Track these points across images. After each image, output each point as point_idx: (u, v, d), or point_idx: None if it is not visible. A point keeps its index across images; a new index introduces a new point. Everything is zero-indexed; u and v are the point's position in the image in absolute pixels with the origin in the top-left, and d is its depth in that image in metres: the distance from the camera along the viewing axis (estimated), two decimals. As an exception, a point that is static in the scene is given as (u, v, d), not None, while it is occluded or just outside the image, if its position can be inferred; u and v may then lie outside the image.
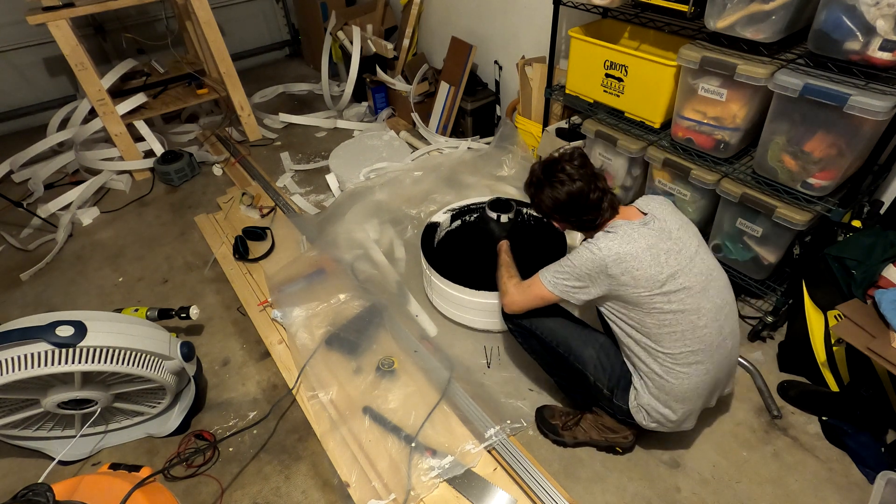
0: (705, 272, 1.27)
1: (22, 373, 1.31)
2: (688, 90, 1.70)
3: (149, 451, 1.65)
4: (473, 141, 2.88)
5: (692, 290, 1.24)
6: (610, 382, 1.39)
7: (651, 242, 1.23)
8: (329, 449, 1.54)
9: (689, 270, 1.24)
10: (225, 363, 1.91)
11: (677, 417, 1.34)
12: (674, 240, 1.26)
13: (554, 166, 1.33)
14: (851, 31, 1.30)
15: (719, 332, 1.29)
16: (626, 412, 1.40)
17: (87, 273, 2.36)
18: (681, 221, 1.32)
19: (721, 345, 1.30)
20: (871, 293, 1.43)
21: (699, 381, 1.30)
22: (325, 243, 2.18)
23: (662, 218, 1.28)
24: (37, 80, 3.49)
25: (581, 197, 1.30)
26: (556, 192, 1.32)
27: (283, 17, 4.29)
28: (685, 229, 1.31)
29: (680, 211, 1.37)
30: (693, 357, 1.27)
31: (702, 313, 1.25)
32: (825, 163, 1.48)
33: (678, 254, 1.24)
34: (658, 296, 1.23)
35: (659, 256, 1.23)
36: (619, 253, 1.22)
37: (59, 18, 2.39)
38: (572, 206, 1.32)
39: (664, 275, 1.22)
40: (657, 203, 1.34)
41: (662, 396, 1.32)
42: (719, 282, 1.31)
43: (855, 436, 1.49)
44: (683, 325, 1.25)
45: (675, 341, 1.26)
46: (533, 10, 2.49)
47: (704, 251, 1.31)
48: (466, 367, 1.78)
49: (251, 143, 3.21)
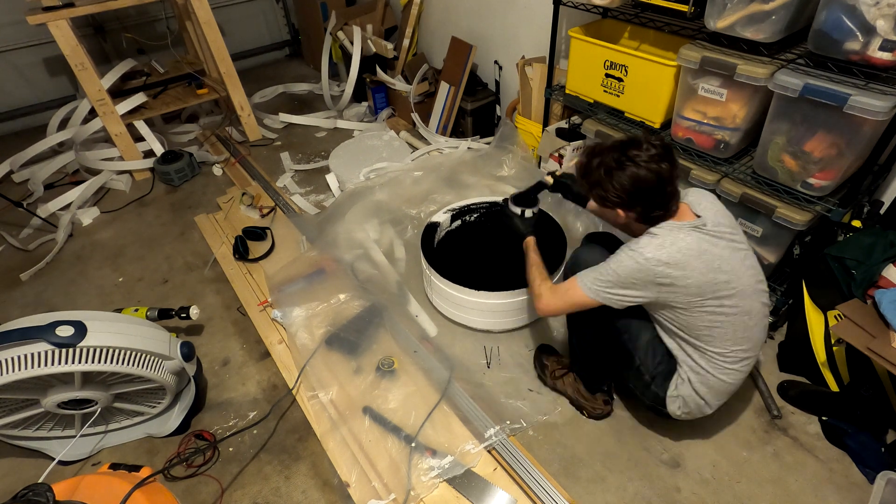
0: (755, 274, 1.27)
1: (22, 373, 1.31)
2: (688, 90, 1.70)
3: (149, 451, 1.65)
4: (473, 141, 2.88)
5: (745, 292, 1.22)
6: (654, 370, 1.38)
7: (703, 248, 1.17)
8: (329, 449, 1.54)
9: (743, 274, 1.22)
10: (225, 363, 1.91)
11: (710, 410, 1.37)
12: (728, 241, 1.21)
13: (632, 144, 1.19)
14: (851, 31, 1.30)
15: (763, 331, 1.31)
16: (661, 399, 1.37)
17: (87, 273, 2.36)
18: (732, 221, 1.26)
19: (759, 343, 1.32)
20: (871, 293, 1.43)
21: (739, 379, 1.32)
22: (325, 243, 2.18)
23: (715, 220, 1.21)
24: (37, 80, 3.49)
25: (667, 181, 1.18)
26: (641, 172, 1.16)
27: (283, 17, 4.29)
28: (737, 230, 1.26)
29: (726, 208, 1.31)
30: (743, 354, 1.29)
31: (753, 314, 1.25)
32: (825, 163, 1.48)
33: (731, 257, 1.20)
34: (710, 300, 1.19)
35: (712, 263, 1.17)
36: (668, 261, 1.16)
37: (59, 18, 2.39)
38: (654, 192, 1.18)
39: (719, 281, 1.18)
40: (709, 202, 1.27)
41: (704, 390, 1.32)
42: (762, 285, 1.30)
43: (855, 436, 1.49)
44: (735, 327, 1.24)
45: (727, 341, 1.26)
46: (533, 10, 2.49)
47: (751, 252, 1.29)
48: (466, 368, 1.78)
49: (251, 143, 3.21)
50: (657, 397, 1.39)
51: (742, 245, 1.25)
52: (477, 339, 1.90)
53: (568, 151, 2.30)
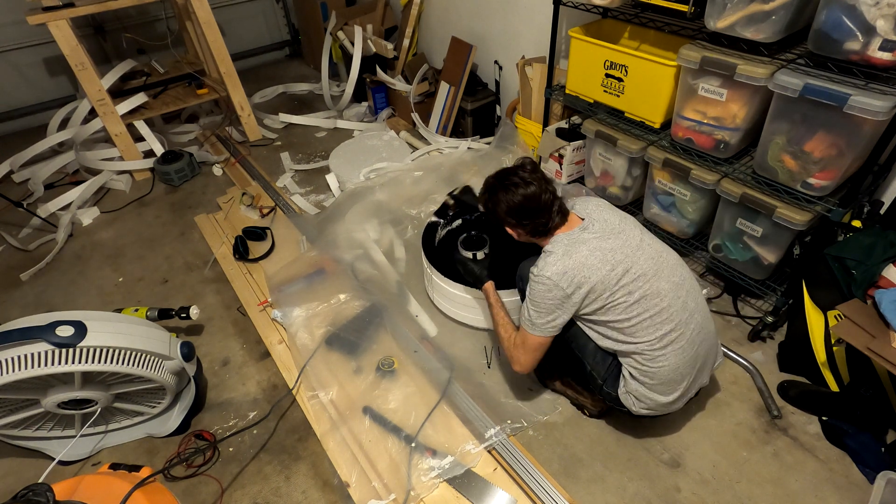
0: (654, 256, 1.32)
1: (22, 373, 1.31)
2: (688, 90, 1.70)
3: (149, 451, 1.65)
4: (473, 141, 2.88)
5: (647, 275, 1.28)
6: (604, 373, 1.43)
7: (594, 245, 1.28)
8: (329, 449, 1.54)
9: (639, 258, 1.29)
10: (225, 363, 1.91)
11: (667, 399, 1.37)
12: (616, 234, 1.31)
13: (508, 173, 1.38)
14: (851, 31, 1.30)
15: (684, 308, 1.32)
16: (616, 399, 1.42)
17: (87, 273, 2.36)
18: (619, 216, 1.37)
19: (689, 320, 1.33)
20: (871, 293, 1.43)
21: (678, 359, 1.33)
22: (325, 243, 2.18)
23: (601, 218, 1.34)
24: (37, 80, 3.49)
25: (535, 199, 1.33)
26: (512, 196, 1.35)
27: (283, 17, 4.29)
28: (625, 222, 1.36)
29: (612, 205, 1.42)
30: (667, 339, 1.30)
31: (663, 294, 1.29)
32: (825, 163, 1.48)
33: (624, 246, 1.29)
34: (618, 291, 1.27)
35: (606, 255, 1.27)
36: (565, 269, 1.26)
37: (59, 18, 2.39)
38: (527, 210, 1.34)
39: (618, 270, 1.26)
40: (593, 205, 1.40)
41: (648, 381, 1.35)
42: (670, 260, 1.35)
43: (855, 436, 1.49)
44: (651, 311, 1.29)
45: (647, 328, 1.30)
46: (533, 10, 2.49)
47: (649, 237, 1.37)
48: (466, 368, 1.78)
49: (251, 143, 3.21)
50: (612, 397, 1.44)
51: (633, 234, 1.33)
52: (477, 339, 1.90)
53: (568, 151, 2.30)
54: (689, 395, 1.43)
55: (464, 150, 2.74)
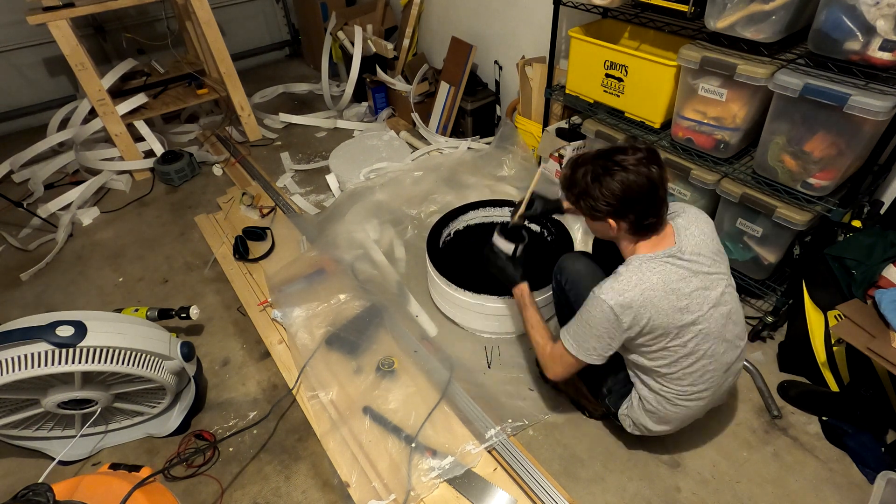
0: (726, 313, 1.19)
1: (22, 373, 1.31)
2: (688, 90, 1.70)
3: (149, 451, 1.65)
4: (473, 141, 2.88)
5: (711, 335, 1.17)
6: (612, 386, 1.40)
7: (674, 286, 1.11)
8: (329, 449, 1.54)
9: (712, 315, 1.15)
10: (225, 363, 1.91)
11: (662, 430, 1.37)
12: (701, 277, 1.14)
13: (621, 150, 1.14)
14: (851, 31, 1.30)
15: (725, 370, 1.27)
16: (614, 413, 1.41)
17: (87, 273, 2.36)
18: (715, 254, 1.19)
19: (724, 380, 1.30)
20: (871, 293, 1.43)
21: (696, 411, 1.32)
22: (325, 243, 2.18)
23: (696, 251, 1.15)
24: (37, 80, 3.48)
25: (657, 185, 1.11)
26: (632, 177, 1.10)
27: (283, 17, 4.29)
28: (717, 266, 1.18)
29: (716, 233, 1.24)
30: (697, 396, 1.27)
31: (715, 358, 1.21)
32: (825, 163, 1.48)
33: (701, 297, 1.13)
34: (674, 342, 1.16)
35: (681, 301, 1.12)
36: (631, 302, 1.10)
37: (59, 18, 2.39)
38: (646, 196, 1.12)
39: (683, 321, 1.13)
40: (697, 227, 1.19)
41: (655, 417, 1.33)
42: (735, 317, 1.23)
43: (855, 436, 1.49)
44: (694, 368, 1.21)
45: (681, 379, 1.23)
46: (533, 10, 2.49)
47: (731, 289, 1.22)
48: (467, 368, 1.78)
49: (251, 143, 3.20)
50: (609, 410, 1.43)
51: (717, 285, 1.17)
52: (477, 339, 1.90)
53: (568, 151, 2.30)
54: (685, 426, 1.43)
55: (464, 150, 2.74)
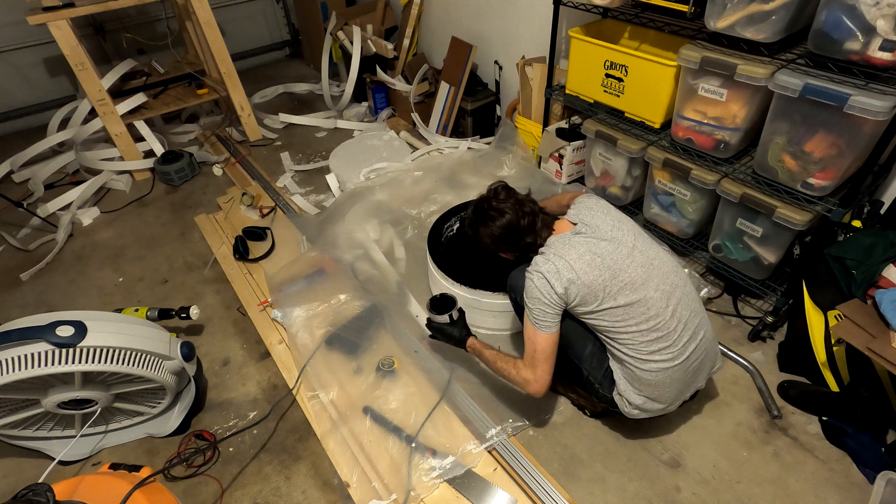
0: (645, 263, 1.30)
1: (22, 373, 1.31)
2: (688, 90, 1.70)
3: (149, 451, 1.65)
4: (473, 141, 2.88)
5: (634, 283, 1.27)
6: (600, 377, 1.42)
7: (583, 250, 1.28)
8: (329, 449, 1.54)
9: (629, 265, 1.28)
10: (225, 363, 1.91)
11: (657, 405, 1.38)
12: (608, 240, 1.30)
13: (482, 206, 1.41)
14: (851, 31, 1.30)
15: (673, 317, 1.30)
16: (610, 401, 1.43)
17: (87, 273, 2.36)
18: (614, 220, 1.35)
19: (680, 328, 1.31)
20: (871, 293, 1.43)
21: (667, 369, 1.32)
22: (325, 243, 2.18)
23: (592, 223, 1.33)
24: (37, 80, 3.49)
25: (513, 226, 1.37)
26: (491, 229, 1.39)
27: (283, 17, 4.29)
28: (619, 227, 1.34)
29: (612, 207, 1.41)
30: (653, 346, 1.29)
31: (649, 304, 1.28)
32: (825, 163, 1.48)
33: (614, 253, 1.28)
34: (605, 298, 1.27)
35: (594, 260, 1.27)
36: (557, 268, 1.26)
37: (60, 18, 2.39)
38: (510, 237, 1.38)
39: (605, 276, 1.26)
40: (586, 208, 1.39)
41: (636, 385, 1.35)
42: (662, 268, 1.33)
43: (855, 436, 1.49)
44: (636, 319, 1.28)
45: (632, 335, 1.29)
46: (533, 10, 2.49)
47: (643, 242, 1.35)
48: (467, 368, 1.78)
49: (251, 143, 3.20)
50: (607, 399, 1.44)
51: (625, 240, 1.31)
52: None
53: (568, 151, 2.30)
54: (684, 399, 1.43)
55: (464, 150, 2.74)
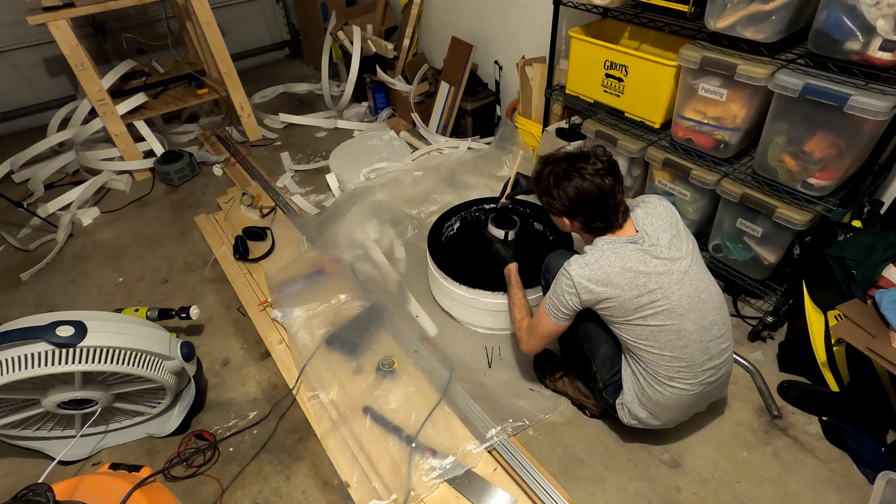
0: (692, 294, 1.23)
1: (22, 373, 1.31)
2: (688, 90, 1.70)
3: (149, 451, 1.65)
4: (473, 141, 2.88)
5: (674, 311, 1.21)
6: (608, 380, 1.42)
7: (629, 265, 1.20)
8: (329, 449, 1.54)
9: (675, 292, 1.21)
10: (225, 363, 1.91)
11: (658, 423, 1.38)
12: (662, 259, 1.21)
13: (583, 158, 1.26)
14: (851, 31, 1.30)
15: (703, 353, 1.27)
16: (611, 405, 1.43)
17: (87, 273, 2.36)
18: (675, 237, 1.26)
19: (705, 364, 1.29)
20: (871, 293, 1.43)
21: (680, 397, 1.31)
22: (325, 243, 2.18)
23: (653, 235, 1.24)
24: (37, 80, 3.48)
25: (609, 195, 1.23)
26: (585, 184, 1.23)
27: (283, 17, 4.29)
28: (678, 246, 1.25)
29: (680, 219, 1.32)
30: (675, 374, 1.28)
31: (682, 334, 1.23)
32: (825, 163, 1.48)
33: (662, 275, 1.20)
34: (635, 316, 1.23)
35: (638, 279, 1.20)
36: (591, 278, 1.21)
37: (60, 18, 2.39)
38: (596, 203, 1.24)
39: (642, 298, 1.20)
40: (655, 215, 1.29)
41: (644, 400, 1.34)
42: (709, 303, 1.26)
43: (855, 436, 1.49)
44: (661, 344, 1.24)
45: (654, 356, 1.26)
46: (533, 10, 2.49)
47: (697, 269, 1.26)
48: (467, 368, 1.78)
49: (251, 144, 3.20)
50: (608, 403, 1.44)
51: (680, 264, 1.23)
52: (478, 338, 1.90)
53: (568, 151, 2.30)
54: (682, 420, 1.44)
55: (464, 150, 2.74)
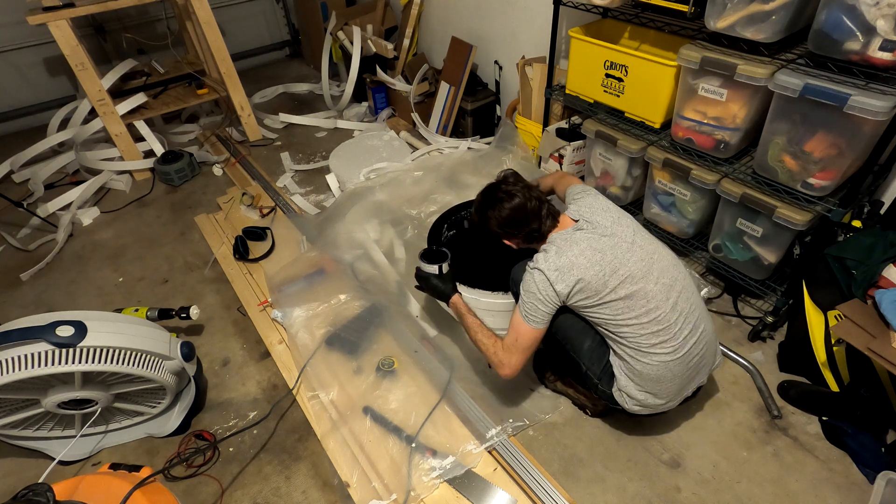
0: (645, 257, 1.32)
1: (22, 373, 1.31)
2: (688, 90, 1.70)
3: (149, 451, 1.65)
4: (473, 141, 2.88)
5: (634, 276, 1.29)
6: (599, 372, 1.43)
7: (584, 246, 1.30)
8: (329, 449, 1.54)
9: (629, 259, 1.30)
10: (225, 363, 1.91)
11: (658, 401, 1.38)
12: (608, 235, 1.32)
13: (492, 189, 1.44)
14: (851, 31, 1.30)
15: (674, 310, 1.31)
16: (610, 397, 1.43)
17: (87, 273, 2.36)
18: (614, 216, 1.38)
19: (681, 322, 1.32)
20: (871, 293, 1.43)
21: (668, 362, 1.32)
22: (325, 243, 2.18)
23: (593, 220, 1.35)
24: (37, 80, 3.49)
25: (521, 209, 1.38)
26: (500, 212, 1.41)
27: (283, 17, 4.29)
28: (619, 221, 1.36)
29: (610, 202, 1.43)
30: (653, 339, 1.30)
31: (650, 297, 1.29)
32: (825, 163, 1.48)
33: (614, 247, 1.30)
34: (606, 292, 1.28)
35: (595, 255, 1.29)
36: (558, 266, 1.29)
37: (60, 18, 2.39)
38: (516, 221, 1.40)
39: (606, 270, 1.28)
40: (587, 205, 1.41)
41: (637, 380, 1.35)
42: (662, 262, 1.34)
43: (855, 436, 1.49)
44: (636, 311, 1.29)
45: (632, 327, 1.30)
46: (533, 10, 2.49)
47: (642, 237, 1.37)
48: (467, 368, 1.78)
49: (251, 143, 3.21)
50: (607, 395, 1.44)
51: (625, 235, 1.33)
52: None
53: (568, 151, 2.30)
54: (685, 395, 1.43)
55: (464, 150, 2.74)
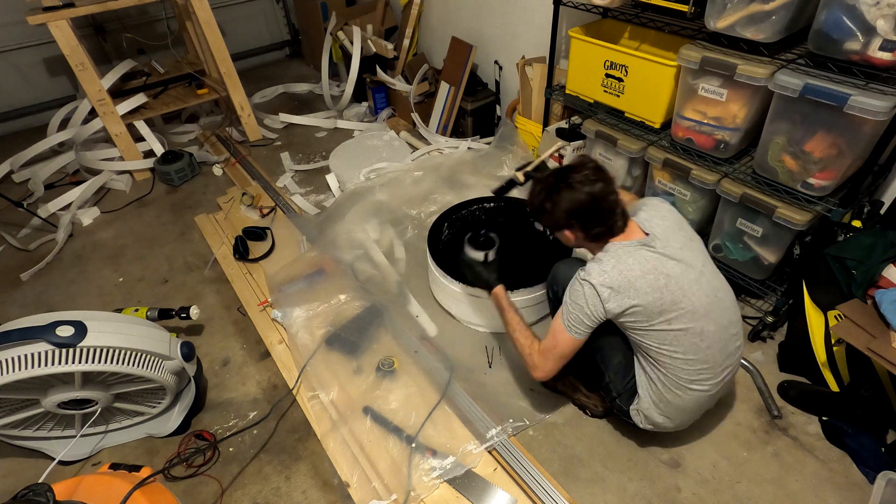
0: (710, 293, 1.23)
1: (22, 373, 1.31)
2: (688, 90, 1.70)
3: (149, 451, 1.65)
4: (473, 141, 2.88)
5: (696, 313, 1.20)
6: (621, 388, 1.41)
7: (648, 268, 1.19)
8: (329, 449, 1.54)
9: (694, 293, 1.20)
10: (225, 363, 1.91)
11: (673, 426, 1.38)
12: (677, 261, 1.20)
13: (571, 170, 1.27)
14: (851, 31, 1.30)
15: (723, 352, 1.27)
16: (625, 412, 1.42)
17: (87, 273, 2.36)
18: (685, 238, 1.26)
19: (725, 363, 1.29)
20: (871, 293, 1.43)
21: (699, 399, 1.31)
22: (325, 243, 2.18)
23: (664, 237, 1.23)
24: (37, 80, 3.49)
25: (602, 199, 1.23)
26: (576, 194, 1.24)
27: (283, 17, 4.29)
28: (690, 247, 1.25)
29: (684, 220, 1.33)
30: (696, 376, 1.27)
31: (704, 336, 1.22)
32: (825, 163, 1.48)
33: (680, 277, 1.19)
34: (659, 320, 1.20)
35: (659, 281, 1.18)
36: (612, 283, 1.19)
37: (60, 18, 2.39)
38: (591, 210, 1.24)
39: (665, 301, 1.18)
40: (660, 216, 1.28)
41: (662, 406, 1.34)
42: (725, 301, 1.27)
43: (855, 436, 1.49)
44: (684, 346, 1.23)
45: (677, 360, 1.24)
46: (533, 10, 2.49)
47: (710, 270, 1.27)
48: (467, 367, 1.78)
49: (251, 144, 3.20)
50: (622, 409, 1.44)
51: (694, 263, 1.23)
52: (478, 338, 1.90)
53: (568, 151, 2.30)
54: (694, 420, 1.44)
55: (464, 150, 2.74)
